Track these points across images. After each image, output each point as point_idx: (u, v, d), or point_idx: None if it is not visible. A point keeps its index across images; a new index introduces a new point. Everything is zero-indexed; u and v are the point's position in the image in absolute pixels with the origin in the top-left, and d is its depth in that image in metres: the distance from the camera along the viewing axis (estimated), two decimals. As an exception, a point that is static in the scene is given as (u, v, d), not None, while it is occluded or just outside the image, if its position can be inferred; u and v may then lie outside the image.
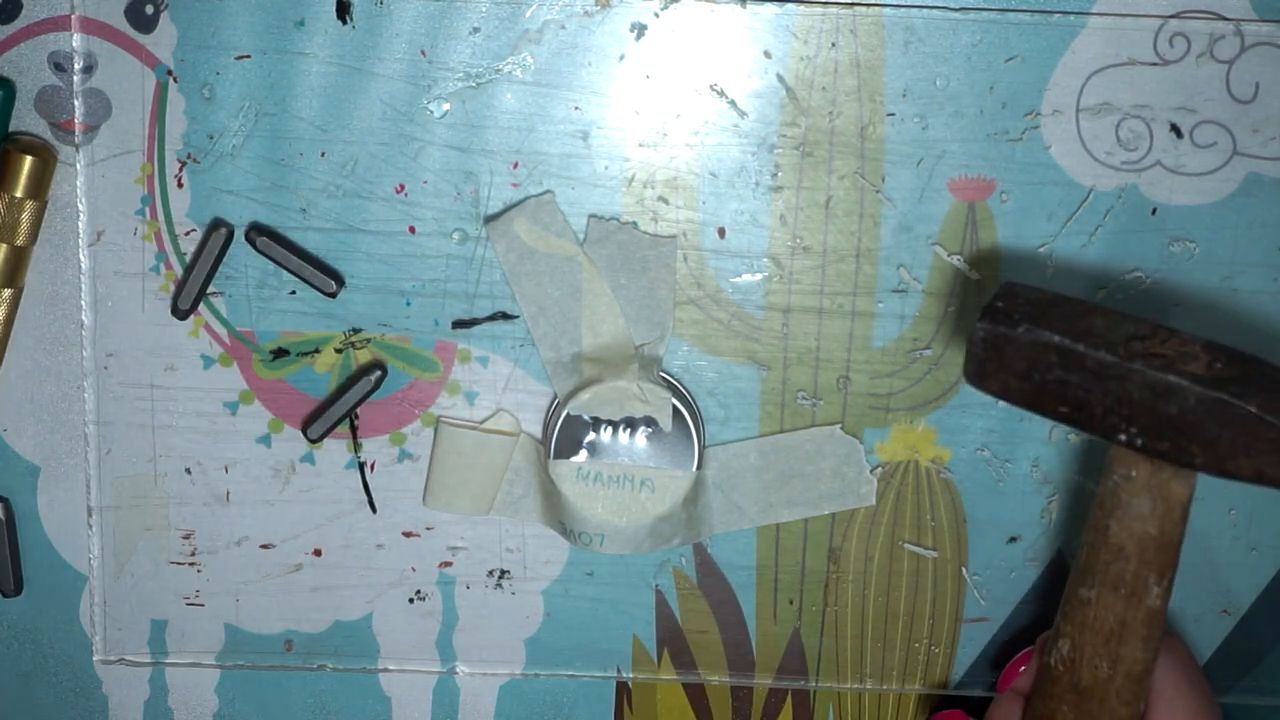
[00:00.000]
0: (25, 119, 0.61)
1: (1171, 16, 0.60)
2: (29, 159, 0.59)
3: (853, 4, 0.60)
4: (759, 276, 0.62)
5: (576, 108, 0.61)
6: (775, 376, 0.63)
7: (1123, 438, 0.51)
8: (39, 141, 0.61)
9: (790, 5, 0.60)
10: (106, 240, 0.62)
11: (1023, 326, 0.52)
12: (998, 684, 0.61)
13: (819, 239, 0.62)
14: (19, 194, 0.59)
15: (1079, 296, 0.56)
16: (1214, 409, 0.48)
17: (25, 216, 0.60)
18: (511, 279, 0.62)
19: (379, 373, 0.62)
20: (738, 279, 0.62)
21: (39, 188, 0.60)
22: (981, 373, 0.53)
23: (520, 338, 0.63)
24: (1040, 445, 0.64)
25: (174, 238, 0.62)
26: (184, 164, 0.61)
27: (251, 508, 0.65)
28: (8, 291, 0.61)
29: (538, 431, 0.64)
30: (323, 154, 0.61)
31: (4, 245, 0.60)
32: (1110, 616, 0.53)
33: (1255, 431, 0.48)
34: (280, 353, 0.63)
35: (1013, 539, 0.65)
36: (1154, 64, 0.60)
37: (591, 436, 0.62)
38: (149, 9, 0.60)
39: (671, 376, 0.63)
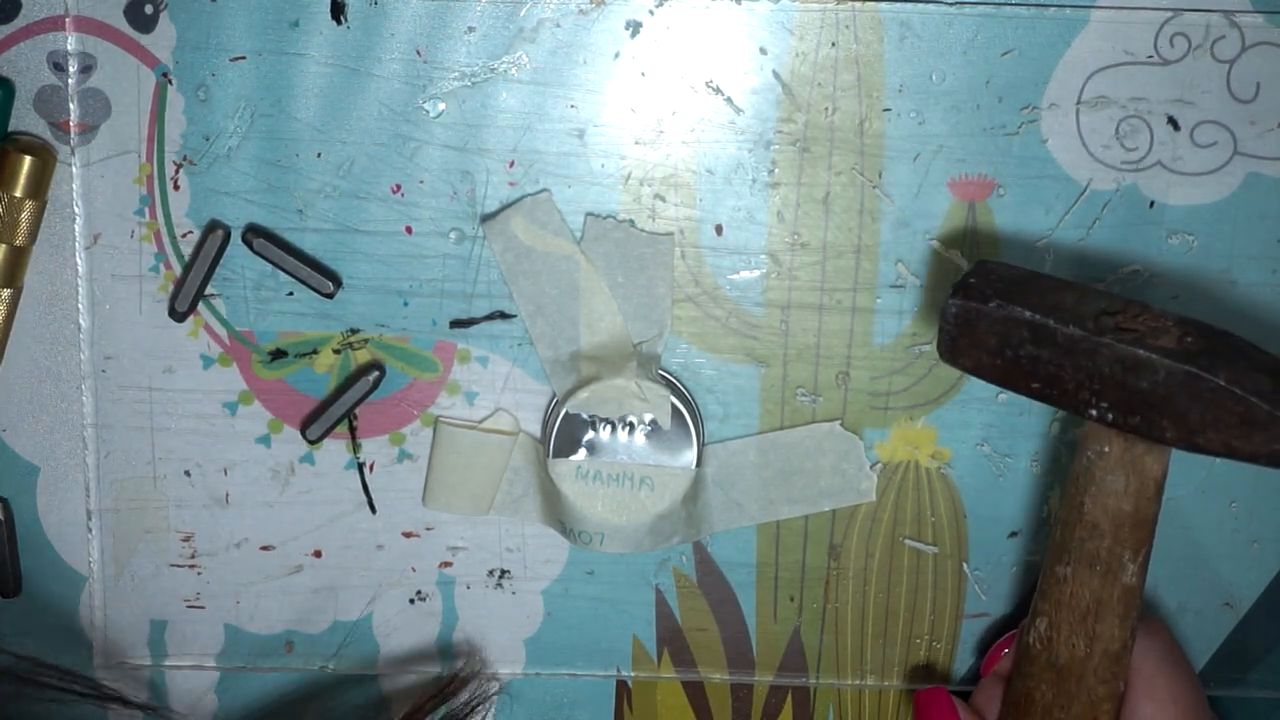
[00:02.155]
0: (25, 119, 0.61)
1: (1172, 10, 0.60)
2: (28, 159, 0.59)
3: (848, -1, 0.60)
4: (757, 273, 0.62)
5: (572, 106, 0.61)
6: (774, 373, 0.63)
7: (1094, 413, 0.51)
8: (38, 141, 0.61)
9: (785, 1, 0.60)
10: (104, 242, 0.62)
11: (994, 302, 0.52)
12: (981, 668, 0.61)
13: (817, 235, 0.62)
14: (18, 194, 0.59)
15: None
16: (1183, 382, 0.49)
17: (25, 216, 0.60)
18: (509, 278, 0.62)
19: (376, 373, 0.62)
20: (736, 276, 0.62)
21: (39, 188, 0.60)
22: (954, 349, 0.53)
23: (518, 337, 0.63)
24: (1040, 440, 0.63)
25: (174, 239, 0.62)
26: (180, 166, 0.61)
27: (251, 509, 0.65)
28: (7, 291, 0.61)
29: (537, 430, 0.64)
30: (319, 155, 0.61)
31: (3, 245, 0.60)
32: (1086, 594, 0.53)
33: (1224, 405, 0.48)
34: (278, 354, 0.63)
35: (1013, 534, 0.65)
36: (1154, 63, 0.60)
37: (590, 435, 0.62)
38: (148, 9, 0.60)
39: (670, 374, 0.63)
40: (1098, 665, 0.54)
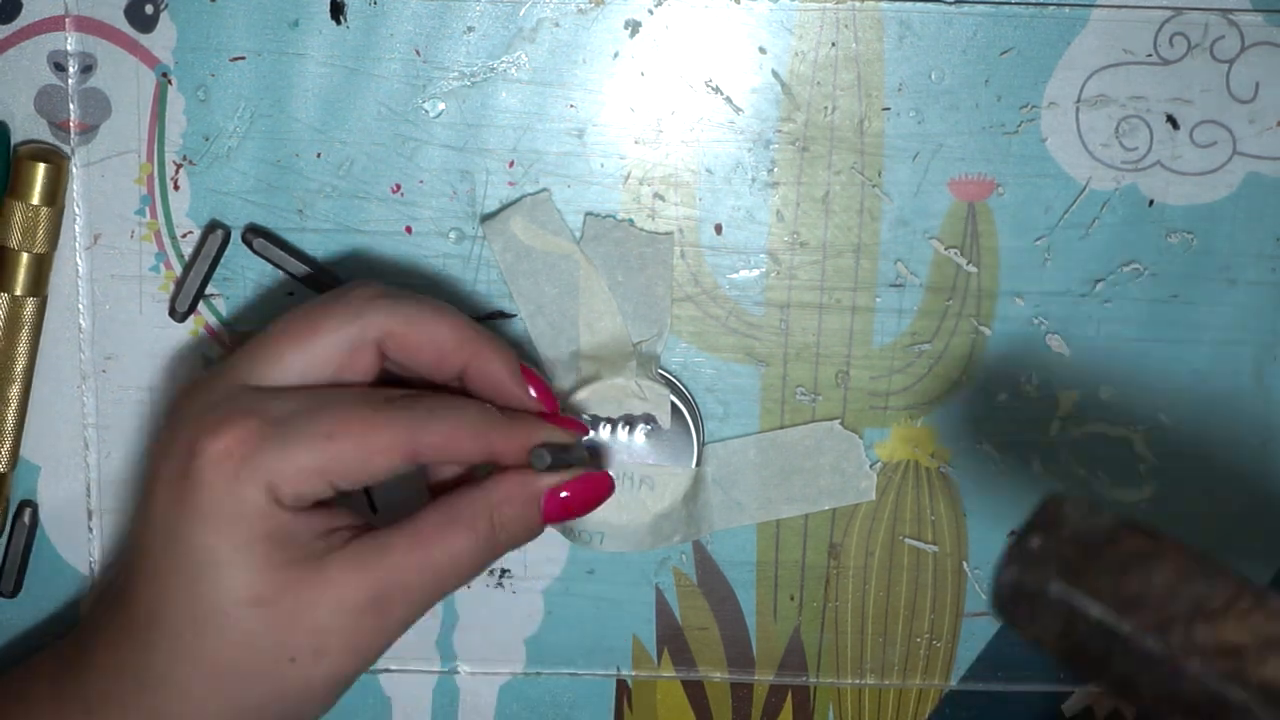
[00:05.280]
0: (26, 119, 0.61)
1: (1172, 9, 0.60)
2: (41, 166, 0.59)
3: (847, -1, 0.60)
4: (757, 273, 0.62)
5: (571, 105, 0.61)
6: (774, 373, 0.63)
7: None
8: (48, 147, 0.61)
9: (785, 0, 0.60)
10: (104, 242, 0.62)
11: (1055, 584, 0.40)
12: None
13: (817, 234, 0.62)
14: (35, 201, 0.59)
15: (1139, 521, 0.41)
16: None
17: (43, 224, 0.60)
18: (508, 278, 0.62)
19: (377, 372, 0.63)
20: (735, 275, 0.62)
21: (54, 194, 0.60)
22: (1011, 616, 0.42)
23: (518, 337, 0.63)
24: (1040, 440, 0.63)
25: (174, 239, 0.62)
26: (180, 165, 0.61)
27: (251, 509, 0.65)
28: (33, 300, 0.61)
29: (536, 430, 0.64)
30: (319, 155, 0.61)
31: (25, 254, 0.60)
32: None
33: None
34: (279, 353, 0.63)
35: (1013, 533, 0.64)
36: (1154, 62, 0.60)
37: (590, 435, 0.62)
38: (148, 8, 0.60)
39: (670, 374, 0.63)
40: None
